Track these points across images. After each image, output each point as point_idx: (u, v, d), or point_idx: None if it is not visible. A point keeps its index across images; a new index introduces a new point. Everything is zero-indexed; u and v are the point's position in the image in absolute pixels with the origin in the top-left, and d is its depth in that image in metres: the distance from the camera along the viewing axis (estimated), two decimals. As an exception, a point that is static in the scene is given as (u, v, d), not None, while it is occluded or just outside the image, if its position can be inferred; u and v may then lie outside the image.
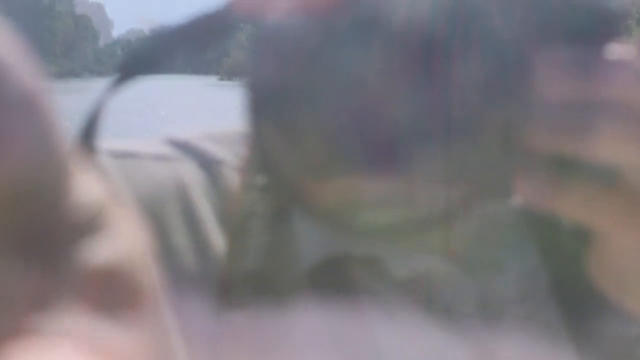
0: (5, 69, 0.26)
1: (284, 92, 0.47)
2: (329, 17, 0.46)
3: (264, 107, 0.49)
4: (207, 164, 0.58)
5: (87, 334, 0.27)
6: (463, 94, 0.44)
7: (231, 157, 0.58)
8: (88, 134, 0.49)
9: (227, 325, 0.52)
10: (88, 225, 0.29)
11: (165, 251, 0.53)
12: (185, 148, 0.59)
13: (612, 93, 0.45)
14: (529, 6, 0.45)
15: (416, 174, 0.46)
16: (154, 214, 0.54)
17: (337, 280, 0.54)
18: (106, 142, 0.52)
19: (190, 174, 0.57)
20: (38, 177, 0.27)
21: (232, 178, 0.57)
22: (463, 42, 0.44)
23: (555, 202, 0.46)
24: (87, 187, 0.29)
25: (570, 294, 0.53)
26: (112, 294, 0.29)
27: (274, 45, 0.48)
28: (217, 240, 0.55)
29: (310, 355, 0.53)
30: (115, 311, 0.28)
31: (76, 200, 0.29)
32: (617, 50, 0.45)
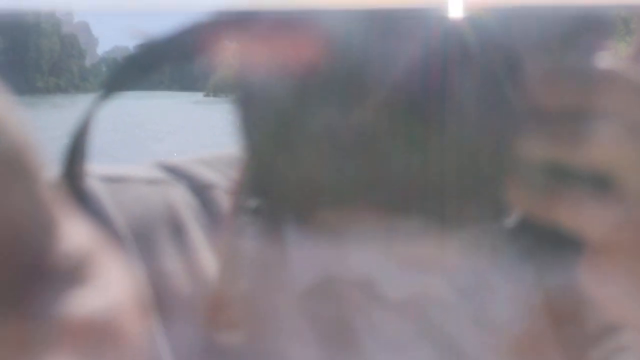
0: None
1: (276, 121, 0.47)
2: (314, 75, 0.46)
3: (259, 127, 0.48)
4: (198, 188, 0.58)
5: None
6: (458, 118, 0.44)
7: (222, 180, 0.58)
8: (75, 155, 0.49)
9: (218, 350, 0.51)
10: (74, 275, 0.29)
11: (156, 274, 0.53)
12: (176, 172, 0.59)
13: (605, 100, 0.44)
14: (521, 18, 0.44)
15: (412, 192, 0.46)
16: (145, 237, 0.54)
17: (331, 302, 0.53)
18: (97, 166, 0.52)
19: (181, 198, 0.57)
20: (24, 231, 0.27)
21: (223, 201, 0.57)
22: (450, 81, 0.44)
23: (548, 210, 0.45)
24: (73, 235, 0.29)
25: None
26: (98, 343, 0.28)
27: (260, 107, 0.48)
28: (209, 264, 0.54)
29: None
30: None
31: (62, 250, 0.28)
32: (608, 59, 0.45)
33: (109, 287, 0.30)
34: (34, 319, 0.28)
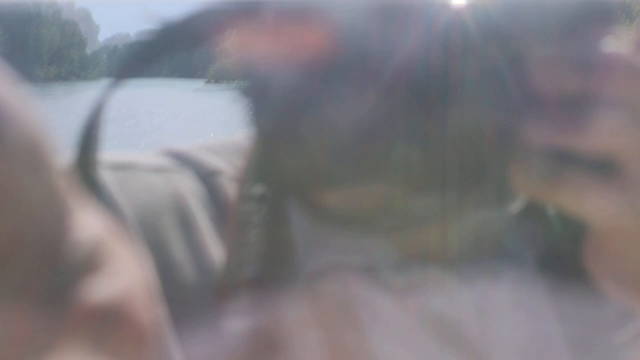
0: (8, 115, 0.26)
1: (286, 107, 0.47)
2: (319, 64, 0.46)
3: (267, 114, 0.48)
4: (205, 175, 0.58)
5: None
6: (461, 105, 0.44)
7: (228, 167, 0.58)
8: (87, 144, 0.49)
9: (224, 337, 0.52)
10: (86, 263, 0.29)
11: (163, 262, 0.53)
12: (183, 159, 0.59)
13: (607, 87, 0.44)
14: (523, 6, 0.44)
15: (415, 180, 0.46)
16: (152, 225, 0.54)
17: (334, 289, 0.53)
18: (103, 153, 0.52)
19: (188, 185, 0.57)
20: (39, 221, 0.27)
21: (230, 188, 0.57)
22: (455, 66, 0.44)
23: (552, 195, 0.45)
24: (85, 224, 0.29)
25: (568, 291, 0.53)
26: (111, 331, 0.28)
27: (267, 96, 0.48)
28: (215, 250, 0.54)
29: None
30: (114, 349, 0.28)
31: (75, 239, 0.28)
32: (611, 44, 0.45)
33: (120, 275, 0.30)
34: (47, 308, 0.28)
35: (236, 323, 0.52)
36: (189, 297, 0.53)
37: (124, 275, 0.30)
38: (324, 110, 0.46)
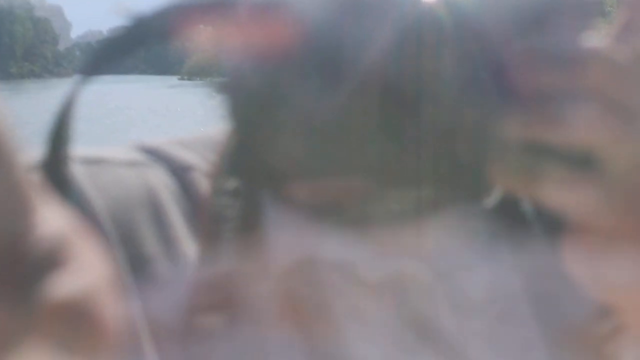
0: None
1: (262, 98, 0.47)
2: (293, 58, 0.45)
3: (239, 108, 0.48)
4: (177, 170, 0.57)
5: None
6: (435, 100, 0.44)
7: (201, 162, 0.58)
8: (58, 139, 0.49)
9: (197, 333, 0.51)
10: (49, 260, 0.29)
11: (136, 258, 0.53)
12: (155, 154, 0.59)
13: (584, 81, 0.44)
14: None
15: (389, 174, 0.46)
16: (124, 219, 0.54)
17: (309, 284, 0.53)
18: (75, 148, 0.51)
19: (160, 180, 0.57)
20: (1, 218, 0.26)
21: (203, 183, 0.56)
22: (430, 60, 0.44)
23: (530, 188, 0.46)
24: (49, 220, 0.29)
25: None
26: (74, 329, 0.28)
27: (241, 88, 0.48)
28: (188, 246, 0.54)
29: None
30: (78, 346, 0.28)
31: (38, 235, 0.28)
32: (588, 38, 0.45)
33: (84, 272, 0.30)
34: (10, 306, 0.27)
35: (209, 318, 0.52)
36: (162, 292, 0.53)
37: (88, 272, 0.30)
38: (295, 103, 0.46)
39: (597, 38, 0.45)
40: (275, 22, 0.46)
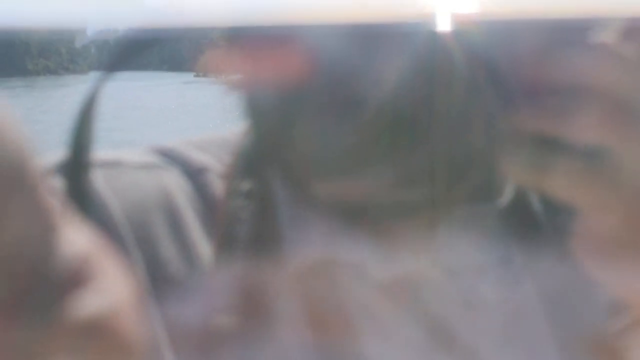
0: None
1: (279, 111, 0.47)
2: (297, 89, 0.46)
3: (260, 105, 0.49)
4: (192, 172, 0.58)
5: None
6: (447, 98, 0.44)
7: (216, 164, 0.58)
8: (79, 143, 0.49)
9: (214, 334, 0.52)
10: (74, 279, 0.29)
11: (152, 260, 0.53)
12: (170, 156, 0.59)
13: (594, 77, 0.45)
14: (508, 31, 0.45)
15: (402, 173, 0.46)
16: (140, 222, 0.54)
17: (323, 283, 0.53)
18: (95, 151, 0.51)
19: (176, 183, 0.57)
20: (25, 238, 0.27)
21: (218, 185, 0.57)
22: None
23: (542, 183, 0.46)
24: (72, 239, 0.29)
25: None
26: (99, 347, 0.28)
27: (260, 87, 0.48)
28: (203, 247, 0.54)
29: None
30: None
31: (61, 255, 0.28)
32: (598, 34, 0.45)
33: (107, 291, 0.30)
34: (33, 324, 0.28)
35: (225, 319, 0.52)
36: (178, 293, 0.53)
37: (112, 290, 0.30)
38: (312, 125, 0.46)
39: (604, 33, 0.45)
40: (289, 53, 0.46)
